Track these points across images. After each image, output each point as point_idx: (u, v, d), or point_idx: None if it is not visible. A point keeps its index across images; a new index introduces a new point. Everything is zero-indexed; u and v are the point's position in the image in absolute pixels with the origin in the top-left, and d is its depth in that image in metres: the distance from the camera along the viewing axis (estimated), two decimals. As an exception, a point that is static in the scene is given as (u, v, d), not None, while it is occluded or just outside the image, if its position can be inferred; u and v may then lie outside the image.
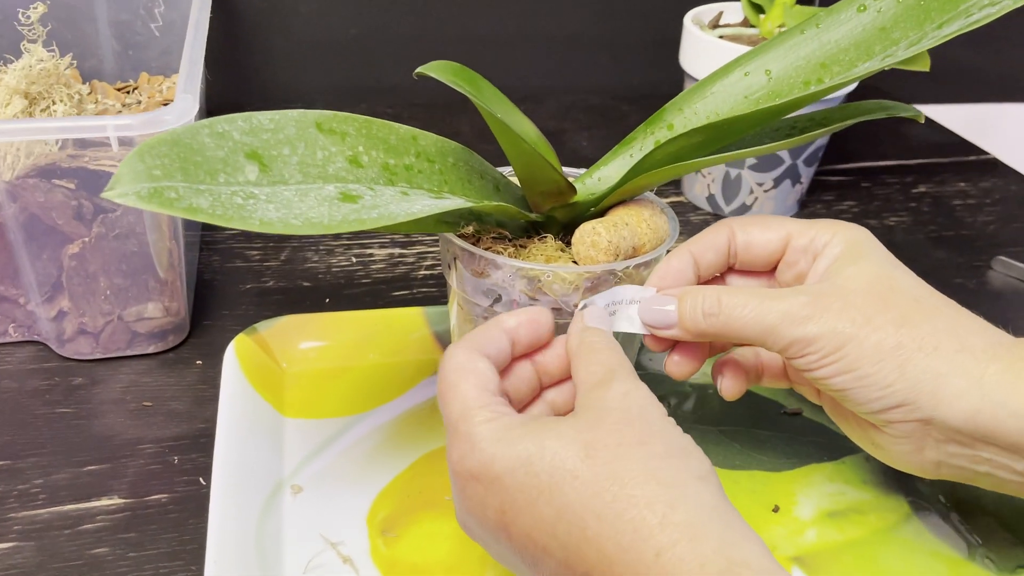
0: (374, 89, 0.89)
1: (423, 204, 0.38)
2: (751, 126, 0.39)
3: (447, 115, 0.84)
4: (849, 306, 0.35)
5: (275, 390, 0.49)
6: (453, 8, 0.87)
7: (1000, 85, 1.05)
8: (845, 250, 0.38)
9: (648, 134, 0.43)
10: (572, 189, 0.41)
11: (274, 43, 0.85)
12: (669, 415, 0.33)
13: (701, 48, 0.66)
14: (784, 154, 0.68)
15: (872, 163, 0.83)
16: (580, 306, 0.38)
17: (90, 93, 0.72)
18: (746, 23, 0.71)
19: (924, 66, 0.62)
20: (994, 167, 0.83)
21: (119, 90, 0.73)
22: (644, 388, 0.34)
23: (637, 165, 0.40)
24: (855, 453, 0.48)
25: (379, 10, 0.85)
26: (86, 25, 0.76)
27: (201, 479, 0.45)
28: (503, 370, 0.37)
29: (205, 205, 0.32)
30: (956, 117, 1.01)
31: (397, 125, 0.41)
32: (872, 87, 0.96)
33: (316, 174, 0.37)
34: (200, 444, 0.47)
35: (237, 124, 0.36)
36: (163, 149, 0.33)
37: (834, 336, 0.35)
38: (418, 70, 0.38)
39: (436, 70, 0.38)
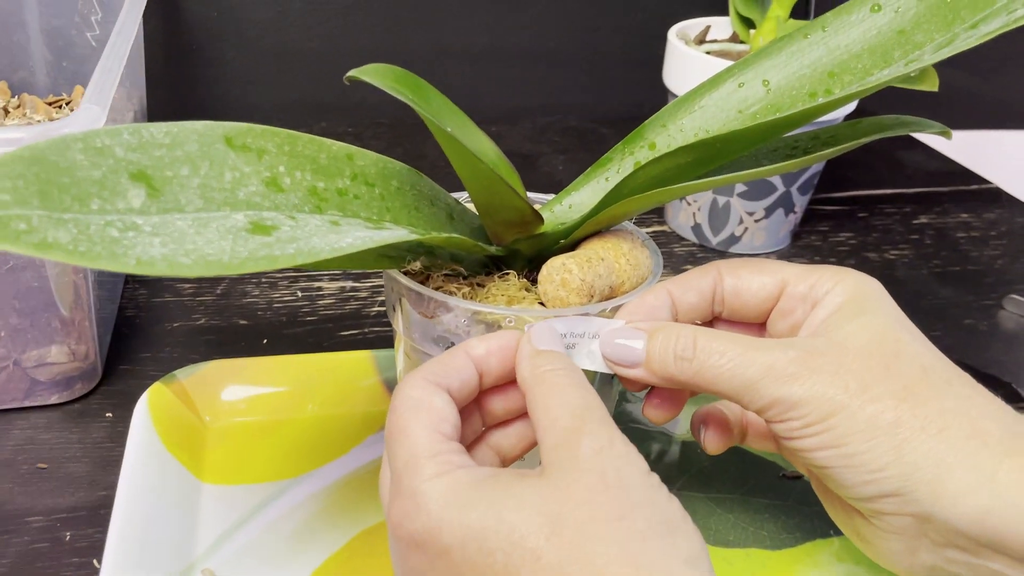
0: (335, 106, 0.82)
1: (355, 236, 0.31)
2: (747, 144, 0.33)
3: (414, 136, 0.78)
4: (843, 369, 0.30)
5: (193, 449, 0.42)
6: (421, 21, 0.81)
7: (996, 111, 1.01)
8: (848, 302, 0.32)
9: (626, 154, 0.37)
10: (538, 218, 0.34)
11: (226, 55, 0.78)
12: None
13: (687, 64, 0.60)
14: (777, 181, 0.62)
15: (868, 191, 0.77)
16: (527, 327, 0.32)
17: (18, 107, 0.65)
18: (735, 39, 0.65)
19: (932, 85, 0.56)
20: (997, 197, 0.78)
21: (50, 104, 0.67)
22: (620, 439, 0.28)
23: (615, 190, 0.33)
24: (866, 525, 0.41)
25: (341, 21, 0.79)
26: (15, 32, 0.70)
27: (95, 561, 0.38)
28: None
29: (65, 240, 0.25)
30: (950, 144, 0.96)
31: (329, 142, 0.34)
32: (866, 111, 0.91)
33: (222, 200, 0.31)
34: (99, 516, 0.40)
35: (122, 138, 0.29)
36: (17, 168, 0.26)
37: (822, 402, 0.29)
38: (350, 74, 0.31)
39: (373, 74, 0.32)
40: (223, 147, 0.32)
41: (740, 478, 0.44)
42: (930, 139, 0.94)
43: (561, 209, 0.38)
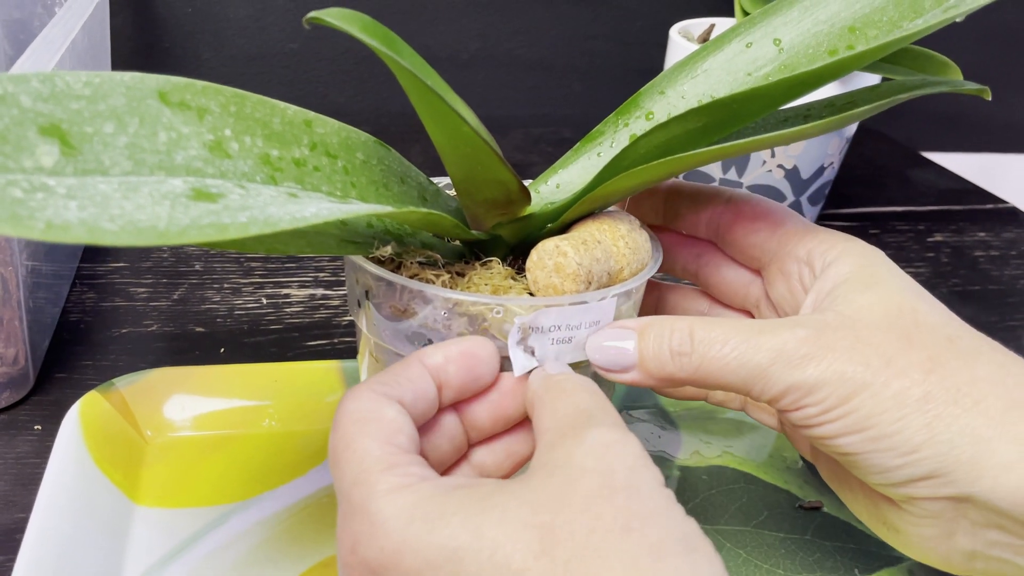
0: (315, 111, 0.78)
1: (320, 207, 0.26)
2: (765, 106, 0.29)
3: (397, 144, 0.73)
4: (862, 344, 0.27)
5: (129, 468, 0.37)
6: (408, 25, 0.77)
7: (1006, 135, 0.97)
8: (856, 272, 0.29)
9: (620, 126, 0.33)
10: (526, 195, 0.29)
11: (201, 54, 0.74)
12: None
13: (690, 61, 0.56)
14: (786, 189, 0.58)
15: (879, 208, 0.73)
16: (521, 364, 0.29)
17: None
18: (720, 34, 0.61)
19: (956, 74, 0.52)
20: (1014, 217, 0.74)
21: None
22: (633, 441, 0.24)
23: (614, 161, 0.29)
24: (896, 564, 0.36)
25: (322, 23, 0.75)
26: (-27, 25, 0.65)
27: (3, 593, 0.32)
28: (424, 425, 0.28)
29: (-52, 196, 0.20)
30: (959, 166, 0.93)
31: (283, 105, 0.30)
32: (873, 130, 0.87)
33: (156, 163, 0.26)
34: (14, 542, 0.34)
35: (30, 85, 0.24)
36: None
37: (842, 383, 0.27)
38: (311, 15, 0.27)
39: (338, 17, 0.27)
40: (156, 103, 0.27)
41: (751, 508, 0.39)
42: (940, 158, 0.90)
43: (548, 189, 0.33)
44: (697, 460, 0.41)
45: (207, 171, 0.27)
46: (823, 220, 0.68)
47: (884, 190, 0.76)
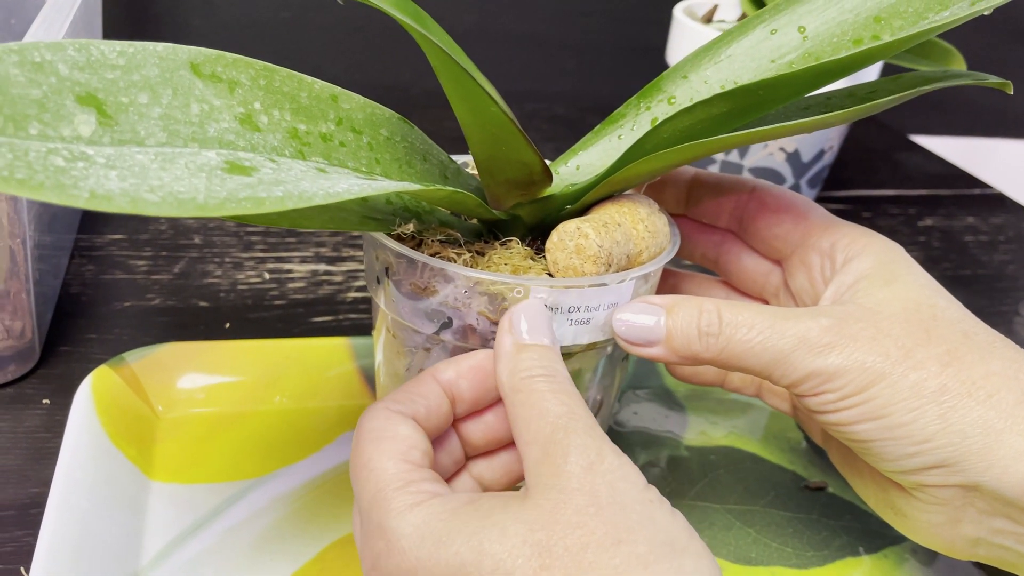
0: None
1: (351, 183, 0.26)
2: (789, 94, 0.29)
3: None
4: (883, 335, 0.28)
5: (142, 443, 0.37)
6: (404, -2, 0.76)
7: (994, 120, 0.99)
8: (877, 267, 0.30)
9: (642, 110, 0.33)
10: (548, 176, 0.30)
11: (191, 23, 0.73)
12: (652, 484, 0.25)
13: (696, 42, 0.56)
14: (787, 173, 0.58)
15: (871, 192, 0.74)
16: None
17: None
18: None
19: (960, 64, 0.53)
20: (1001, 202, 0.75)
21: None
22: (611, 451, 0.25)
23: (636, 145, 0.29)
24: (899, 543, 0.37)
25: (318, -6, 0.74)
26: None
27: (23, 568, 0.32)
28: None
29: None
30: (945, 149, 0.94)
31: (310, 79, 0.29)
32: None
33: (189, 135, 0.26)
34: (30, 517, 0.34)
35: (67, 54, 0.24)
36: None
37: (861, 372, 0.27)
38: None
39: (369, -7, 0.27)
40: (188, 75, 0.27)
41: (759, 488, 0.39)
42: (929, 142, 0.91)
43: (567, 171, 0.33)
44: (704, 440, 0.42)
45: (239, 144, 0.27)
46: (818, 203, 0.69)
47: (875, 173, 0.77)
